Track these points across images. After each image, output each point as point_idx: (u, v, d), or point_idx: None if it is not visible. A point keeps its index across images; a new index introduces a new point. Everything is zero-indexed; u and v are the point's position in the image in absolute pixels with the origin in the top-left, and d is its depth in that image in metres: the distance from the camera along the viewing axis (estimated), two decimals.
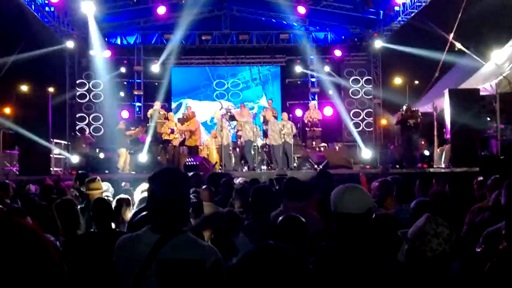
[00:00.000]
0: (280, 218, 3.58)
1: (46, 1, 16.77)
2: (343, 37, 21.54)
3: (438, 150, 15.75)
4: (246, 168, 15.50)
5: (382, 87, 21.52)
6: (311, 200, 5.13)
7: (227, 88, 21.88)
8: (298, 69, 21.48)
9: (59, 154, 16.00)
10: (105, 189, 6.74)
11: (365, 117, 21.09)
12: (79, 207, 5.33)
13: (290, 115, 16.80)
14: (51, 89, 21.27)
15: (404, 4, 17.61)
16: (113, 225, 4.73)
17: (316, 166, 14.65)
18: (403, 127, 14.71)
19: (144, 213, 3.70)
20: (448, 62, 16.86)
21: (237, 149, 16.64)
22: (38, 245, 1.31)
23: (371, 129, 21.07)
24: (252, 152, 15.68)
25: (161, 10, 16.89)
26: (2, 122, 17.17)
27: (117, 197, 6.11)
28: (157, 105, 16.88)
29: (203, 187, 6.10)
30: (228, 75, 21.96)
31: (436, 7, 17.01)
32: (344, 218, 2.85)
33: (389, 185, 5.73)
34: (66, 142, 17.75)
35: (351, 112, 20.91)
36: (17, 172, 15.01)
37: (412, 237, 2.77)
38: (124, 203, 5.58)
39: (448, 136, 14.44)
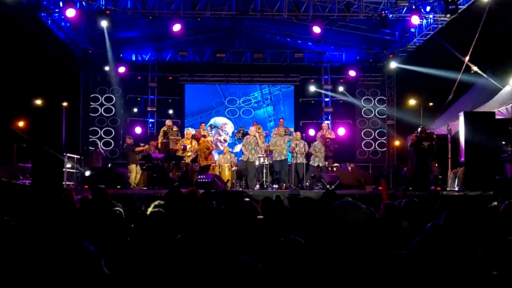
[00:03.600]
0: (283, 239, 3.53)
1: (63, 17, 16.91)
2: (358, 57, 21.53)
3: (452, 172, 15.59)
4: (258, 186, 15.40)
5: (396, 108, 21.44)
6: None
7: (239, 106, 21.94)
8: (312, 88, 21.49)
9: (72, 168, 16.03)
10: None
11: (378, 137, 21.00)
12: None
13: (304, 134, 16.75)
14: (65, 104, 21.39)
15: (420, 25, 17.57)
16: None
17: (328, 186, 14.53)
18: (417, 149, 14.56)
19: None
20: (463, 84, 16.74)
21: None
22: None
23: (384, 149, 20.96)
24: (265, 171, 15.63)
25: (176, 27, 16.95)
26: (16, 136, 17.26)
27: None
28: (169, 122, 16.95)
29: None
30: (240, 93, 22.07)
31: (453, 29, 16.93)
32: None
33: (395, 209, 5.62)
34: (79, 157, 17.79)
35: (363, 132, 20.86)
36: (30, 186, 15.03)
37: None
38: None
39: (462, 159, 14.27)
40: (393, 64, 19.81)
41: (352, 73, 20.89)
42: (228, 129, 21.73)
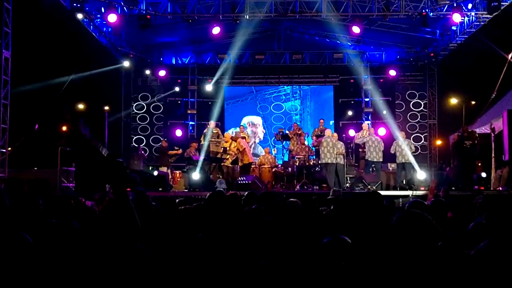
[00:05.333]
0: (325, 239, 3.52)
1: (104, 22, 17.25)
2: (398, 56, 21.25)
3: (496, 172, 15.24)
4: (298, 187, 15.37)
5: (437, 108, 21.09)
6: None
7: (270, 101, 22.11)
8: (351, 89, 21.31)
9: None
10: None
11: (420, 138, 20.70)
12: None
13: (343, 135, 16.64)
14: (106, 108, 21.79)
15: (461, 23, 17.22)
16: None
17: (369, 186, 14.40)
18: (460, 148, 14.33)
19: None
20: (506, 82, 16.36)
21: (289, 169, 16.55)
22: None
23: (426, 150, 20.65)
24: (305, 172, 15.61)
25: (216, 30, 17.07)
26: (60, 140, 17.64)
27: None
28: (212, 124, 17.02)
29: None
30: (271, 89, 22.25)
31: (495, 27, 16.54)
32: None
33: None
34: (121, 160, 18.05)
35: (407, 134, 20.56)
36: (73, 189, 15.35)
37: None
38: None
39: (507, 157, 13.96)
40: (435, 63, 19.50)
41: (392, 72, 20.64)
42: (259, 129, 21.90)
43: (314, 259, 3.44)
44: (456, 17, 15.88)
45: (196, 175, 14.87)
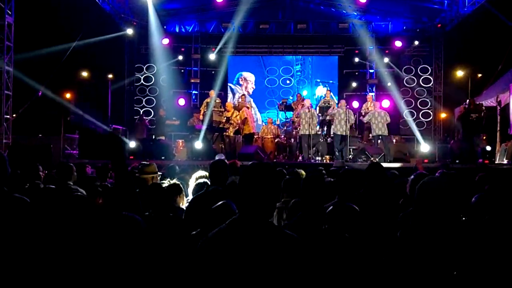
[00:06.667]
0: (331, 207, 3.51)
1: None
2: (404, 27, 20.97)
3: (501, 146, 15.17)
4: (300, 158, 15.36)
5: (443, 80, 20.91)
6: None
7: (278, 75, 21.83)
8: (356, 59, 21.08)
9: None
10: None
11: (424, 110, 20.59)
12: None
13: (347, 106, 16.52)
14: (110, 76, 21.71)
15: None
16: None
17: (372, 158, 14.37)
18: (465, 121, 14.20)
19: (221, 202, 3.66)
20: None
21: (292, 140, 16.52)
22: None
23: (430, 121, 20.55)
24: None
25: None
26: (64, 107, 17.65)
27: (168, 182, 6.12)
28: (212, 93, 16.91)
29: None
30: (280, 62, 22.01)
31: None
32: None
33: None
34: (124, 128, 18.09)
35: (408, 104, 20.47)
36: (77, 156, 15.41)
37: None
38: (176, 190, 5.55)
39: None
40: (441, 34, 19.26)
41: (398, 43, 20.39)
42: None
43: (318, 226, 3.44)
44: None
45: (198, 144, 14.85)
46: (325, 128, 16.50)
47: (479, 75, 22.08)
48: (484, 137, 16.08)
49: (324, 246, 3.19)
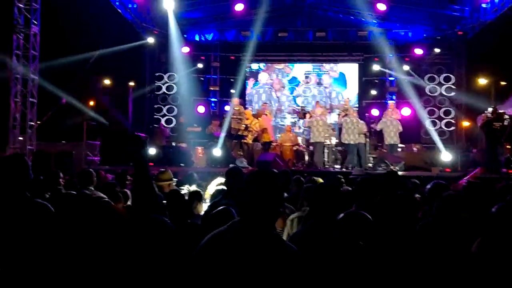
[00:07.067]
0: (341, 214, 3.51)
1: None
2: (424, 35, 20.80)
3: None
4: (320, 166, 15.34)
5: (465, 88, 20.67)
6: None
7: (298, 83, 21.89)
8: (376, 67, 20.99)
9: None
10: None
11: (445, 118, 20.37)
12: None
13: (366, 114, 16.49)
14: (131, 84, 21.96)
15: (492, 1, 16.77)
16: None
17: (392, 167, 14.30)
18: (488, 130, 14.03)
19: (221, 207, 3.73)
20: None
21: (311, 147, 16.54)
22: None
23: (452, 130, 20.32)
24: (326, 151, 15.56)
25: (239, 7, 17.01)
26: (86, 114, 17.92)
27: (187, 189, 6.20)
28: (235, 101, 16.96)
29: None
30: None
31: None
32: None
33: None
34: (144, 135, 18.26)
35: (428, 111, 20.28)
36: (99, 162, 15.61)
37: None
38: (196, 197, 5.61)
39: None
40: (462, 42, 19.08)
41: (418, 51, 20.25)
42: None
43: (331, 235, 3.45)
44: None
45: (217, 152, 14.94)
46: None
47: (503, 83, 21.87)
48: (508, 146, 15.88)
49: (333, 254, 3.20)
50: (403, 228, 4.12)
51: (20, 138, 13.84)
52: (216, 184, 6.47)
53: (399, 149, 16.17)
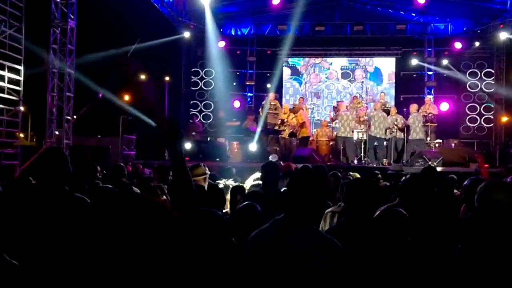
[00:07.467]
0: (378, 212, 3.44)
1: None
2: (464, 28, 20.37)
3: None
4: (356, 161, 15.18)
5: (505, 83, 20.18)
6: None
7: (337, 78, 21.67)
8: (414, 61, 20.63)
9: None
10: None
11: (483, 112, 19.92)
12: None
13: (404, 109, 16.22)
14: (167, 78, 22.08)
15: None
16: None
17: (430, 162, 14.03)
18: None
19: (246, 203, 3.70)
20: None
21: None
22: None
23: (491, 125, 19.89)
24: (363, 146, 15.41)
25: (276, 0, 16.88)
26: (122, 109, 18.10)
27: (224, 183, 6.17)
28: (271, 96, 16.90)
29: None
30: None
31: None
32: None
33: None
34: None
35: (468, 107, 19.86)
36: (134, 156, 15.75)
37: None
38: (239, 192, 5.54)
39: None
40: (504, 35, 18.56)
41: (458, 45, 19.83)
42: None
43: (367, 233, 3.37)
44: None
45: (253, 146, 14.90)
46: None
47: None
48: None
49: (366, 250, 3.14)
50: (442, 224, 4.02)
51: (57, 133, 14.03)
52: (254, 179, 6.42)
53: (431, 145, 15.95)
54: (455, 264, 2.87)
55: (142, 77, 23.51)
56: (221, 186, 6.43)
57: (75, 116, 15.18)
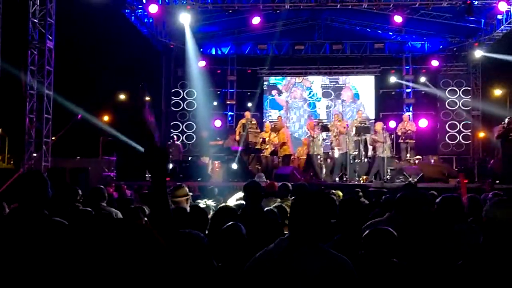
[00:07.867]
0: (368, 230, 3.46)
1: (145, 13, 17.37)
2: (441, 46, 20.76)
3: None
4: (337, 179, 15.22)
5: (481, 99, 20.50)
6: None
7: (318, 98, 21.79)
8: (393, 79, 20.91)
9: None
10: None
11: (462, 130, 20.17)
12: None
13: (384, 126, 16.37)
14: (147, 98, 21.98)
15: (507, 12, 16.67)
16: None
17: (410, 179, 14.13)
18: (505, 141, 13.87)
19: (230, 223, 3.66)
20: None
21: (328, 160, 16.39)
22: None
23: (469, 142, 20.13)
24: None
25: (256, 20, 16.96)
26: (101, 130, 17.95)
27: (204, 203, 6.14)
28: (248, 114, 16.92)
29: None
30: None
31: None
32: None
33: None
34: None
35: (448, 124, 20.10)
36: (115, 178, 15.58)
37: None
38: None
39: None
40: (479, 53, 18.94)
41: (434, 63, 20.15)
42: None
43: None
44: (502, 6, 15.40)
45: (234, 166, 14.87)
46: (362, 149, 16.33)
47: None
48: None
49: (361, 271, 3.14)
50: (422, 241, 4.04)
51: (35, 155, 13.84)
52: (236, 198, 6.40)
53: (411, 161, 16.12)
54: (454, 280, 2.85)
55: (122, 96, 23.42)
56: (201, 205, 6.40)
57: (53, 138, 15.02)
